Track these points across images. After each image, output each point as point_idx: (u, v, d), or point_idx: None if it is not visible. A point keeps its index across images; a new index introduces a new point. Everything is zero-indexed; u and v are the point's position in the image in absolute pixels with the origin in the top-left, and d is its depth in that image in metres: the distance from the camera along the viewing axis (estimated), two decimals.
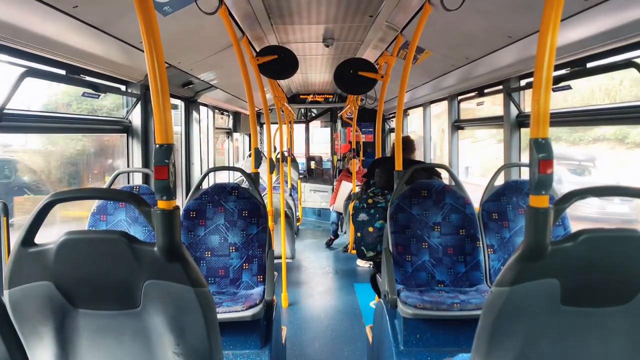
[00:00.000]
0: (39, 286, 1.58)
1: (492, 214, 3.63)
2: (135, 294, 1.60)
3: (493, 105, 5.31)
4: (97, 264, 1.59)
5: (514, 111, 4.47)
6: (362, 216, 3.93)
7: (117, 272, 1.59)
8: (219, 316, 2.92)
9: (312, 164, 12.35)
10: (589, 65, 3.29)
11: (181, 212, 3.55)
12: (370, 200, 3.97)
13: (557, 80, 3.48)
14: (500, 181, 3.80)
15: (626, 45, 2.82)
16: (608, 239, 1.55)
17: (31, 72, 2.96)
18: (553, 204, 1.56)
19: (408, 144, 4.35)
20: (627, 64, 2.92)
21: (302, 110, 12.55)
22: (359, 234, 3.93)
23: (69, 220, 4.30)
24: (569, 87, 3.49)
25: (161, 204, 1.60)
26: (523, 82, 4.31)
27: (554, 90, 3.56)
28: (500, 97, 4.67)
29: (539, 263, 1.53)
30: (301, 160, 12.30)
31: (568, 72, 3.45)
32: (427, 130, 7.36)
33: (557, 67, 3.44)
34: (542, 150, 1.53)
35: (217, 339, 1.69)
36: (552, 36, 1.53)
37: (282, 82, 8.40)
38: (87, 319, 1.63)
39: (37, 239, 1.61)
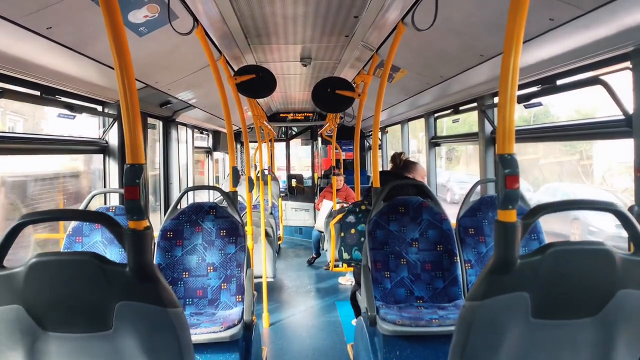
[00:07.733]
0: (8, 310, 1.55)
1: (469, 230, 3.67)
2: (107, 316, 1.58)
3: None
4: (68, 286, 1.56)
5: (488, 128, 4.55)
6: (350, 218, 4.19)
7: (89, 294, 1.57)
8: (197, 337, 2.89)
9: (294, 182, 12.34)
10: (559, 82, 3.38)
11: (158, 232, 3.53)
12: (363, 207, 4.22)
13: (528, 97, 3.57)
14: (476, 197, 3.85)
15: (593, 62, 2.91)
16: (575, 252, 1.58)
17: (5, 93, 2.94)
18: (521, 217, 1.59)
19: (396, 159, 4.34)
20: (594, 80, 3.01)
21: (283, 128, 12.57)
22: (342, 234, 4.12)
23: None
24: (540, 104, 3.58)
25: (132, 224, 1.60)
26: (496, 100, 4.40)
27: (526, 107, 3.65)
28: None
29: (509, 277, 1.55)
30: (282, 179, 12.27)
31: (539, 89, 3.53)
32: (405, 146, 7.45)
33: (528, 85, 3.53)
34: (507, 166, 1.56)
35: None
36: (515, 55, 1.58)
37: (261, 100, 8.42)
38: (58, 343, 1.60)
39: None
